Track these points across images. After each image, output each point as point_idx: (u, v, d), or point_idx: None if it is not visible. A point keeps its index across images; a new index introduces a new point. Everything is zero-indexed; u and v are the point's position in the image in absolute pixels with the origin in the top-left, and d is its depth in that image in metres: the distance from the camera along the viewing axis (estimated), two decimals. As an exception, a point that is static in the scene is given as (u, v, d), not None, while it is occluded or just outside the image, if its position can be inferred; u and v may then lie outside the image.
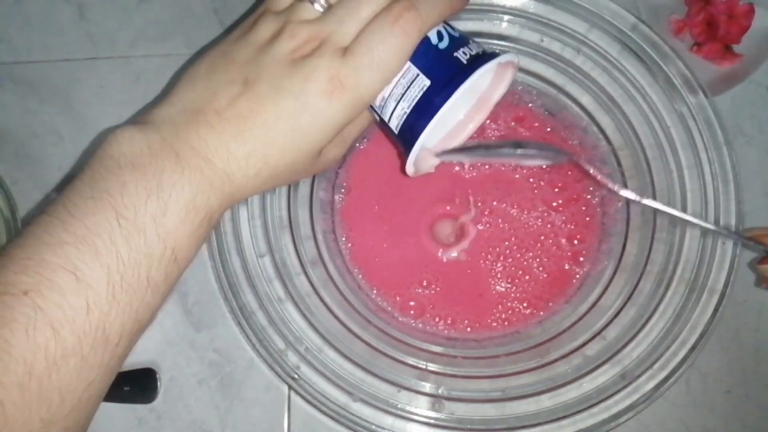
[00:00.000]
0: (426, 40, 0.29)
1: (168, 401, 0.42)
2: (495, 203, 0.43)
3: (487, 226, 0.43)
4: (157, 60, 0.48)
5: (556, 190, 0.44)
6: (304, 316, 0.38)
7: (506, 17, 0.42)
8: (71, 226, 0.25)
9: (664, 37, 0.41)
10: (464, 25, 0.43)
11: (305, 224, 0.42)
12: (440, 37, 0.29)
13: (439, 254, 0.43)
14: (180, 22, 0.49)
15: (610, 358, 0.37)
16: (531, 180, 0.44)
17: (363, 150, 0.45)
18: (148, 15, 0.49)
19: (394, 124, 0.31)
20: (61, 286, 0.24)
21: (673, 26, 0.48)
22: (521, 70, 0.44)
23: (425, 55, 0.29)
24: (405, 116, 0.30)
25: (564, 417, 0.36)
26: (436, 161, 0.33)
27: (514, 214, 0.43)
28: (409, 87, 0.29)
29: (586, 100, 0.43)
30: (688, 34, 0.48)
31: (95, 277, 0.25)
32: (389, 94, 0.30)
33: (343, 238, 0.43)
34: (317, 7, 0.29)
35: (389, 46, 0.28)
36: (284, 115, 0.28)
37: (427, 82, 0.29)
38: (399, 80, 0.29)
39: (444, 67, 0.29)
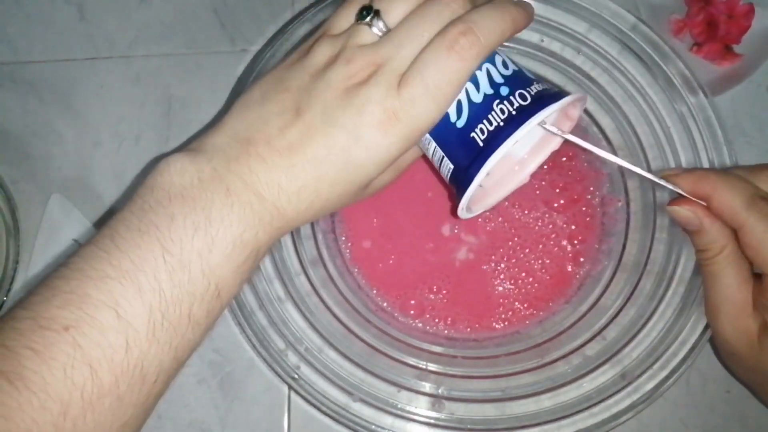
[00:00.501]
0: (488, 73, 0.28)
1: (168, 401, 0.42)
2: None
3: (490, 226, 0.43)
4: (157, 60, 0.48)
5: (557, 190, 0.44)
6: (304, 316, 0.38)
7: (506, 17, 0.42)
8: (116, 259, 0.25)
9: (664, 37, 0.41)
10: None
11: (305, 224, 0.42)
12: (505, 65, 0.28)
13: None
14: (180, 22, 0.49)
15: (610, 358, 0.37)
16: (533, 180, 0.44)
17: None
18: (148, 15, 0.49)
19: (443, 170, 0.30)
20: (101, 323, 0.24)
21: (673, 26, 0.48)
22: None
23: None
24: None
25: (564, 417, 0.36)
26: (493, 201, 0.32)
27: (516, 214, 0.43)
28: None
29: (586, 100, 0.43)
30: (688, 34, 0.48)
31: (136, 314, 0.24)
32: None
33: (343, 238, 0.43)
34: (375, 30, 0.28)
35: (444, 74, 0.26)
36: (336, 149, 0.27)
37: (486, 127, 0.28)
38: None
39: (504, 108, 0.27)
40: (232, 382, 0.42)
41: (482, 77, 0.28)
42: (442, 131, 0.29)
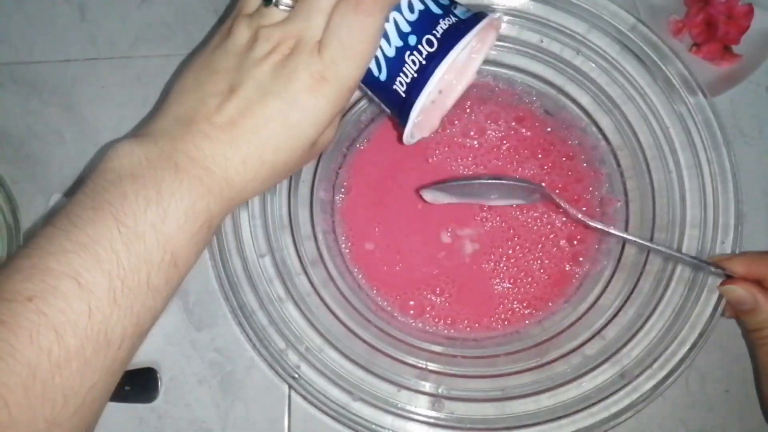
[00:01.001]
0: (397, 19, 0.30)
1: (169, 401, 0.42)
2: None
3: (489, 226, 0.43)
4: (157, 60, 0.48)
5: (557, 190, 0.44)
6: (305, 315, 0.38)
7: (506, 18, 0.42)
8: (74, 235, 0.26)
9: (664, 38, 0.41)
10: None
11: (305, 224, 0.42)
12: (411, 8, 0.30)
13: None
14: (180, 23, 0.49)
15: (610, 357, 0.37)
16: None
17: (363, 150, 0.45)
18: (149, 16, 0.49)
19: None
20: (64, 292, 0.25)
21: (672, 27, 0.48)
22: (521, 70, 0.44)
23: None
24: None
25: (563, 416, 0.36)
26: (437, 122, 0.34)
27: (515, 214, 0.43)
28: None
29: (585, 100, 0.43)
30: (687, 35, 0.48)
31: (97, 283, 0.25)
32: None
33: (343, 238, 0.43)
34: (282, 8, 0.30)
35: (356, 32, 0.29)
36: (274, 116, 0.29)
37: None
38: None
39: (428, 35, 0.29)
40: (233, 382, 0.42)
41: (391, 29, 0.30)
42: (372, 83, 0.31)
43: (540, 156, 0.44)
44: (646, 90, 0.41)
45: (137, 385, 0.42)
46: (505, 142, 0.44)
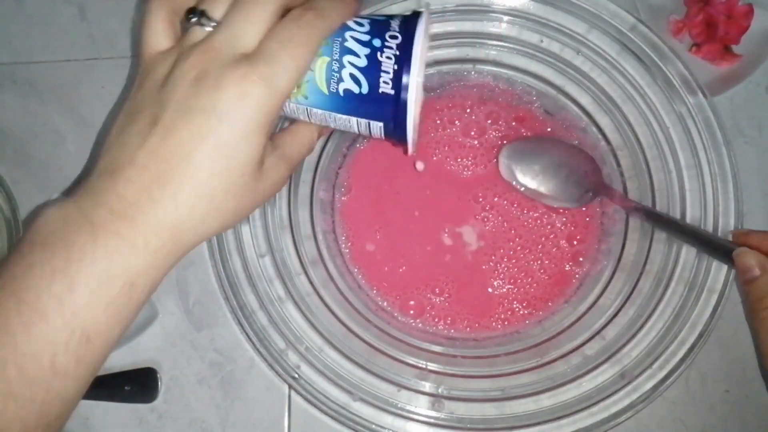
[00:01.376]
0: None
1: (169, 401, 0.42)
2: (496, 199, 0.44)
3: (490, 226, 0.43)
4: (157, 60, 0.48)
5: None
6: (305, 315, 0.38)
7: (506, 18, 0.42)
8: None
9: (664, 38, 0.41)
10: (463, 26, 0.43)
11: (305, 224, 0.42)
12: (360, 24, 0.29)
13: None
14: (180, 23, 0.49)
15: (610, 357, 0.37)
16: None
17: (363, 150, 0.45)
18: (149, 15, 0.49)
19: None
20: None
21: (672, 27, 0.48)
22: (521, 70, 0.44)
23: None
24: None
25: (563, 416, 0.36)
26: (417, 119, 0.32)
27: (516, 214, 0.43)
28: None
29: (585, 100, 0.43)
30: (687, 35, 0.48)
31: None
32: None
33: (343, 238, 0.43)
34: (207, 28, 0.27)
35: (295, 35, 0.26)
36: (201, 135, 0.25)
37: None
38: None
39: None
40: (233, 382, 0.42)
41: (353, 45, 0.29)
42: (356, 106, 0.29)
43: (540, 156, 0.44)
44: (646, 90, 0.41)
45: (137, 385, 0.42)
46: (505, 142, 0.44)
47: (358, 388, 0.37)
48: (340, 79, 0.29)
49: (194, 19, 0.27)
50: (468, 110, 0.45)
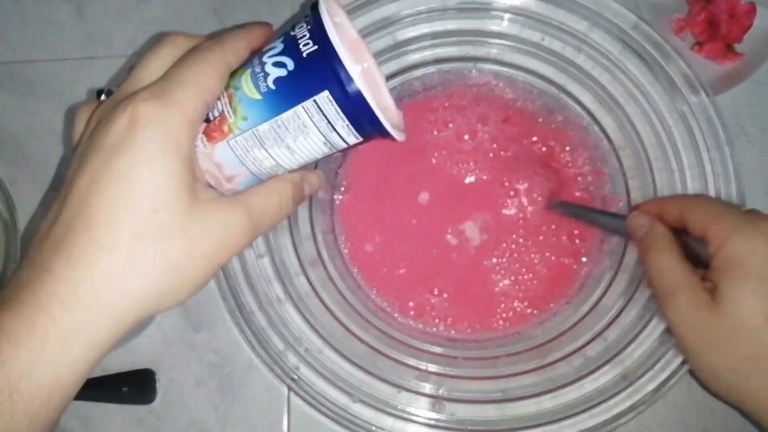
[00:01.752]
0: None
1: (167, 402, 0.42)
2: (497, 199, 0.43)
3: (490, 226, 0.43)
4: (156, 59, 0.48)
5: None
6: (304, 316, 0.38)
7: (507, 16, 0.42)
8: None
9: (666, 37, 0.41)
10: (464, 24, 0.43)
11: (304, 224, 0.41)
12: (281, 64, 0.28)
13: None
14: (179, 22, 0.49)
15: (612, 358, 0.37)
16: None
17: (363, 150, 0.44)
18: (147, 14, 0.49)
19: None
20: None
21: (674, 25, 0.48)
22: (522, 68, 0.44)
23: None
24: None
25: (565, 418, 0.36)
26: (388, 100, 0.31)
27: (517, 215, 0.43)
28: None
29: (587, 99, 0.43)
30: (689, 34, 0.48)
31: None
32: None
33: (343, 238, 0.43)
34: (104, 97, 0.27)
35: (191, 57, 0.26)
36: (94, 177, 0.23)
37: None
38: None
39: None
40: (232, 383, 0.42)
41: (270, 53, 0.28)
42: (292, 88, 0.27)
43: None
44: (648, 89, 0.41)
45: (135, 386, 0.42)
46: (505, 141, 0.44)
47: (358, 390, 0.37)
48: (267, 74, 0.27)
49: (103, 96, 0.28)
50: (468, 109, 0.45)
